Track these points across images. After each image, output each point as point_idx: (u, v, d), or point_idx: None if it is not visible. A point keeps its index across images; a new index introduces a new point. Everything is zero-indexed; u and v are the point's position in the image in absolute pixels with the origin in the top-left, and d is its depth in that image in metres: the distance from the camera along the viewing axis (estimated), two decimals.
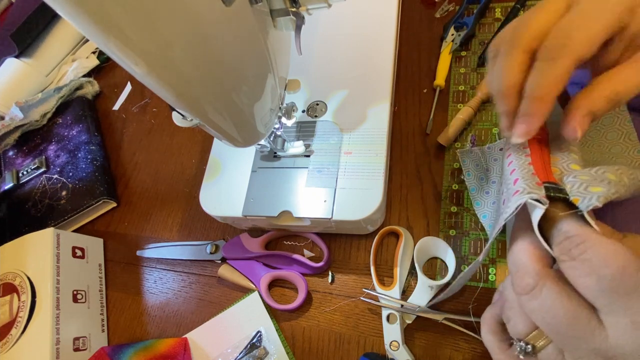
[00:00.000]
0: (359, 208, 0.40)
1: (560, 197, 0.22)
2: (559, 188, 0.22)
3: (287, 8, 0.34)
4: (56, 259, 0.48)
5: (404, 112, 0.50)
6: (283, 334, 0.44)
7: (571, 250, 0.19)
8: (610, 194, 0.21)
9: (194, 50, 0.26)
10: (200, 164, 0.57)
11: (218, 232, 0.52)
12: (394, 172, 0.47)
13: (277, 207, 0.43)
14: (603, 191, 0.21)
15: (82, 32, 0.23)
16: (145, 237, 0.56)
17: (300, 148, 0.46)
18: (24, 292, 0.46)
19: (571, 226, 0.20)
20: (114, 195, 0.60)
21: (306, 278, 0.45)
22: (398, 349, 0.39)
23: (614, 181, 0.22)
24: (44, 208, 0.59)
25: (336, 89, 0.48)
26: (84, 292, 0.50)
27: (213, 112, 0.32)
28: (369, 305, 0.42)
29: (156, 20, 0.23)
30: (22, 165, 0.65)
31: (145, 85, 0.27)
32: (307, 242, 0.48)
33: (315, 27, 0.53)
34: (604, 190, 0.21)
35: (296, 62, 0.46)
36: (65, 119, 0.67)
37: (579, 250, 0.19)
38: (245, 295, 0.47)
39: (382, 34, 0.50)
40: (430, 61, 0.52)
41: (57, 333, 0.45)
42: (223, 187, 0.47)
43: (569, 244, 0.20)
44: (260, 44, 0.33)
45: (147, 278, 0.53)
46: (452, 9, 0.54)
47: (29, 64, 0.72)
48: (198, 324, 0.47)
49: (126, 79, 0.72)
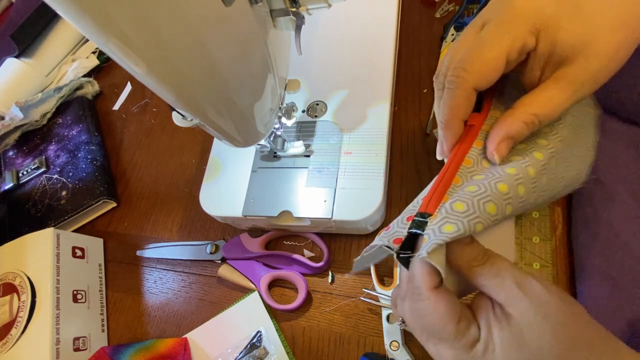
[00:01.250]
0: (359, 208, 0.41)
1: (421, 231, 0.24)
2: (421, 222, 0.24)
3: (287, 8, 0.34)
4: (56, 259, 0.48)
5: (404, 112, 0.50)
6: (283, 334, 0.44)
7: (412, 295, 0.24)
8: (455, 235, 0.22)
9: (194, 50, 0.26)
10: (200, 164, 0.57)
11: (218, 232, 0.52)
12: (394, 172, 0.47)
13: (277, 207, 0.43)
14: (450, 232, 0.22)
15: (82, 32, 0.23)
16: (145, 237, 0.56)
17: (300, 148, 0.46)
18: (24, 292, 0.46)
19: (416, 274, 0.23)
20: (114, 195, 0.60)
21: (306, 278, 0.45)
22: (398, 349, 0.39)
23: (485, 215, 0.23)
24: (44, 208, 0.59)
25: (336, 89, 0.48)
26: (84, 292, 0.50)
27: (213, 112, 0.32)
28: (369, 305, 0.42)
29: (156, 21, 0.23)
30: (22, 165, 0.65)
31: (145, 85, 0.27)
32: (307, 242, 0.48)
33: (315, 27, 0.53)
34: (452, 231, 0.22)
35: (296, 62, 0.46)
36: (65, 119, 0.67)
37: (415, 298, 0.23)
38: (245, 295, 0.47)
39: (382, 34, 0.50)
40: (430, 61, 0.52)
41: (57, 333, 0.44)
42: (223, 187, 0.47)
43: (412, 289, 0.24)
44: (260, 44, 0.33)
45: (147, 278, 0.53)
46: (452, 9, 0.54)
47: (29, 64, 0.72)
48: (198, 324, 0.47)
49: (126, 79, 0.72)
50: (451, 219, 0.23)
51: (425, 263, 0.23)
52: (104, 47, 0.24)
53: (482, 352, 0.21)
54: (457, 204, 0.24)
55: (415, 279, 0.23)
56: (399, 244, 0.25)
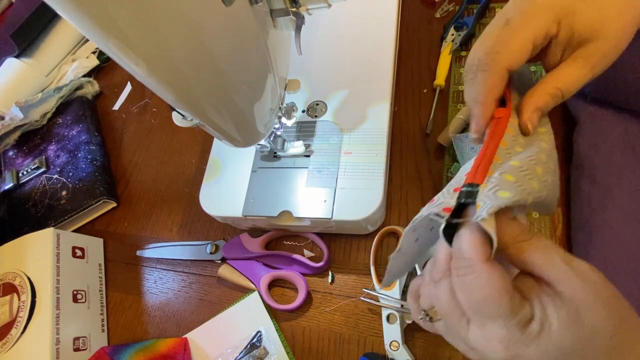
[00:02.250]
0: (359, 208, 0.41)
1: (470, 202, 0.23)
2: (472, 192, 0.24)
3: (287, 8, 0.34)
4: (56, 259, 0.48)
5: (404, 112, 0.50)
6: (283, 334, 0.44)
7: (458, 269, 0.22)
8: (512, 201, 0.22)
9: (194, 50, 0.26)
10: (200, 164, 0.57)
11: (218, 232, 0.52)
12: (394, 172, 0.47)
13: (277, 207, 0.43)
14: (507, 197, 0.22)
15: (82, 32, 0.23)
16: (145, 237, 0.56)
17: (300, 148, 0.46)
18: (24, 292, 0.46)
19: (467, 244, 0.22)
20: (114, 195, 0.60)
21: (306, 278, 0.45)
22: (398, 349, 0.39)
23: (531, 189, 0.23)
24: (44, 208, 0.59)
25: (336, 89, 0.48)
26: (84, 292, 0.50)
27: (213, 112, 0.32)
28: (369, 305, 0.42)
29: (156, 21, 0.23)
30: (22, 165, 0.65)
31: (145, 85, 0.27)
32: (307, 242, 0.48)
33: (315, 27, 0.53)
34: (508, 196, 0.22)
35: (296, 62, 0.46)
36: (65, 119, 0.67)
37: (463, 272, 0.22)
38: (245, 295, 0.47)
39: (382, 34, 0.50)
40: (430, 61, 0.52)
41: (57, 333, 0.44)
42: (223, 187, 0.47)
43: (459, 263, 0.22)
44: (260, 44, 0.33)
45: (147, 278, 0.53)
46: (452, 9, 0.54)
47: (29, 64, 0.72)
48: (198, 324, 0.47)
49: (126, 79, 0.72)
50: (504, 187, 0.23)
51: (476, 233, 0.22)
52: (104, 47, 0.24)
53: (538, 332, 0.20)
54: (506, 175, 0.23)
55: (465, 250, 0.22)
56: (449, 212, 0.23)
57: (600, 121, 0.39)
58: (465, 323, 0.23)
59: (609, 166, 0.38)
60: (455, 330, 0.24)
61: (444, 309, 0.24)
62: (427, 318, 0.27)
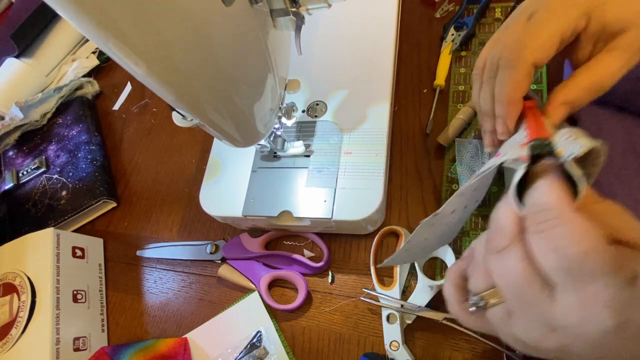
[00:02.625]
0: (359, 208, 0.41)
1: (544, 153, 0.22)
2: (545, 143, 0.22)
3: (287, 8, 0.34)
4: (56, 259, 0.48)
5: (404, 112, 0.50)
6: (283, 334, 0.44)
7: (541, 224, 0.19)
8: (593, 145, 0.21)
9: (194, 50, 0.26)
10: (200, 164, 0.57)
11: (218, 232, 0.52)
12: (394, 172, 0.47)
13: (277, 207, 0.43)
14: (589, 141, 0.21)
15: (82, 32, 0.23)
16: (145, 237, 0.56)
17: (300, 148, 0.46)
18: (24, 292, 0.46)
19: (552, 195, 0.19)
20: (114, 195, 0.60)
21: (306, 278, 0.45)
22: (398, 349, 0.39)
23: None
24: (44, 208, 0.59)
25: (336, 89, 0.48)
26: (84, 292, 0.50)
27: (213, 112, 0.32)
28: (369, 305, 0.42)
29: (156, 20, 0.23)
30: (22, 165, 0.65)
31: (145, 85, 0.27)
32: (307, 242, 0.48)
33: (315, 27, 0.53)
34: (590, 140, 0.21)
35: (296, 62, 0.46)
36: (65, 119, 0.67)
37: (550, 225, 0.18)
38: (245, 295, 0.47)
39: (382, 34, 0.50)
40: (430, 61, 0.52)
41: (57, 333, 0.44)
42: (223, 187, 0.47)
43: (541, 217, 0.19)
44: (260, 44, 0.33)
45: (147, 278, 0.53)
46: (452, 9, 0.54)
47: (29, 64, 0.72)
48: (198, 324, 0.47)
49: (126, 79, 0.72)
50: (579, 135, 0.22)
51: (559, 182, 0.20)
52: (104, 47, 0.24)
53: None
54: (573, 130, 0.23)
55: (548, 202, 0.19)
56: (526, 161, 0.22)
57: (600, 121, 0.39)
58: (548, 294, 0.19)
59: (609, 166, 0.38)
60: (534, 307, 0.19)
61: (518, 281, 0.19)
62: (481, 303, 0.22)
